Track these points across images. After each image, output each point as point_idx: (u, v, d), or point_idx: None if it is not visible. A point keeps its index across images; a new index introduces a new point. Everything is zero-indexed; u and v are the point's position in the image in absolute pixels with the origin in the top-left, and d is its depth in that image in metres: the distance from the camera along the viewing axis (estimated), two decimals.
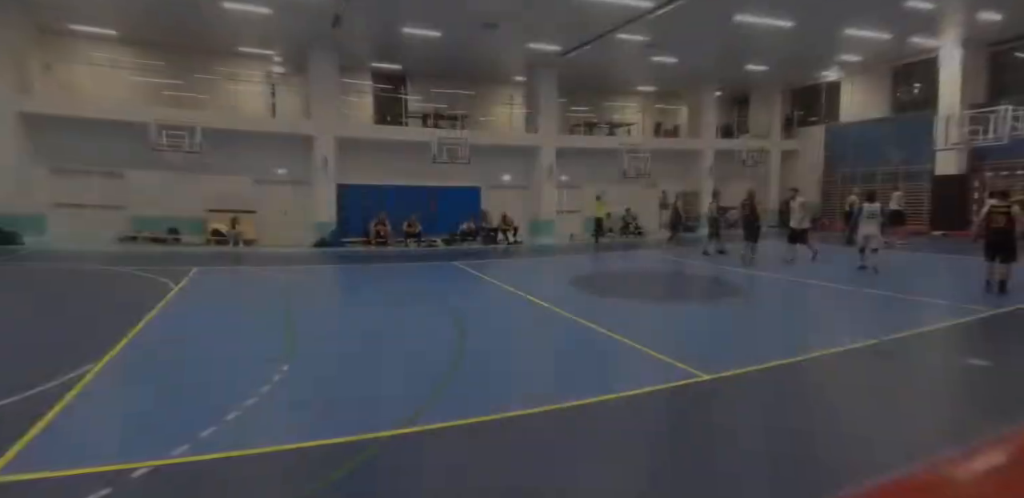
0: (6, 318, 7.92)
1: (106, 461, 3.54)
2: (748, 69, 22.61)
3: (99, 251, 14.42)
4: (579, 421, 4.50)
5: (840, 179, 24.27)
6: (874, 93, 23.43)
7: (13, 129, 14.91)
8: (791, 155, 26.67)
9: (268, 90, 20.66)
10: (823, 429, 4.40)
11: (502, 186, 21.87)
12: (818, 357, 6.13)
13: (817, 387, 5.52)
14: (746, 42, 18.60)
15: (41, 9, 15.60)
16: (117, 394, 4.91)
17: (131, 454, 3.65)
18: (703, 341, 7.16)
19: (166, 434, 3.96)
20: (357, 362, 6.07)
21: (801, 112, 26.75)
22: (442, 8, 14.96)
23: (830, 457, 3.87)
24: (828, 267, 12.37)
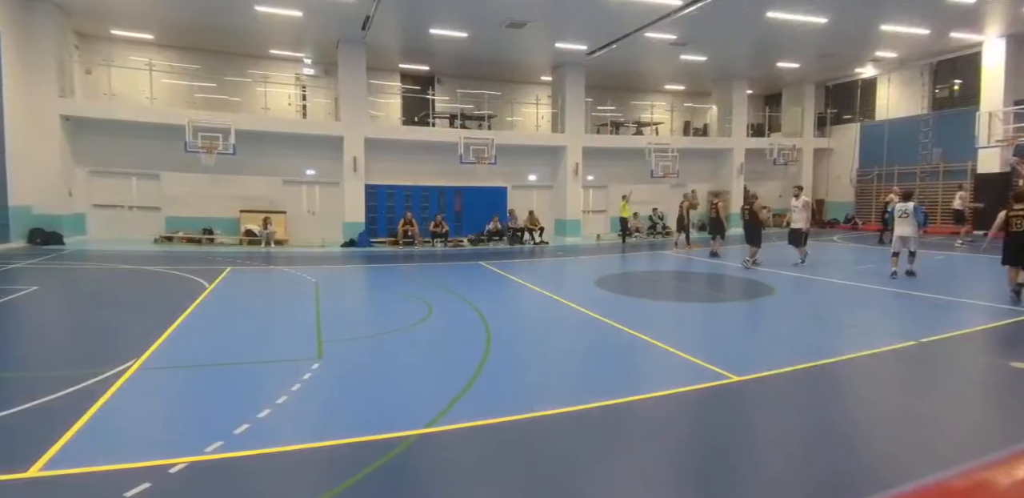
0: (51, 316, 8.21)
1: (145, 457, 3.64)
2: (780, 66, 22.19)
3: (136, 251, 14.84)
4: (607, 421, 4.47)
5: (875, 177, 23.68)
6: (912, 90, 22.78)
7: (56, 132, 15.43)
8: (824, 153, 26.14)
9: (299, 92, 21.01)
10: (860, 433, 4.29)
11: (528, 186, 21.87)
12: (853, 359, 5.99)
13: (853, 389, 5.39)
14: (778, 39, 18.26)
15: (84, 16, 16.13)
16: (154, 391, 5.04)
17: (168, 450, 3.75)
18: (732, 342, 7.05)
19: (201, 431, 4.06)
20: (385, 361, 6.13)
21: (835, 110, 26.16)
22: (469, 9, 15.02)
23: (868, 463, 3.77)
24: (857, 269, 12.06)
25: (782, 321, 8.27)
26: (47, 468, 3.44)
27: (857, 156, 24.75)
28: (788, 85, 25.99)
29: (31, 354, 6.34)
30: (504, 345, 6.68)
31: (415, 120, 21.21)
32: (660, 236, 22.22)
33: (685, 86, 26.10)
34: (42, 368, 5.63)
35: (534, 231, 19.89)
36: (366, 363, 6.00)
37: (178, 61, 19.05)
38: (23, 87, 14.47)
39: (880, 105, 24.11)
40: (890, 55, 21.03)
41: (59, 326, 7.69)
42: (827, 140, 26.01)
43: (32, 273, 10.99)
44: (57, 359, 6.00)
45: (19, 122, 14.29)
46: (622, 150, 22.18)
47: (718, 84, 24.62)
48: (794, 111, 26.07)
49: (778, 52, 20.28)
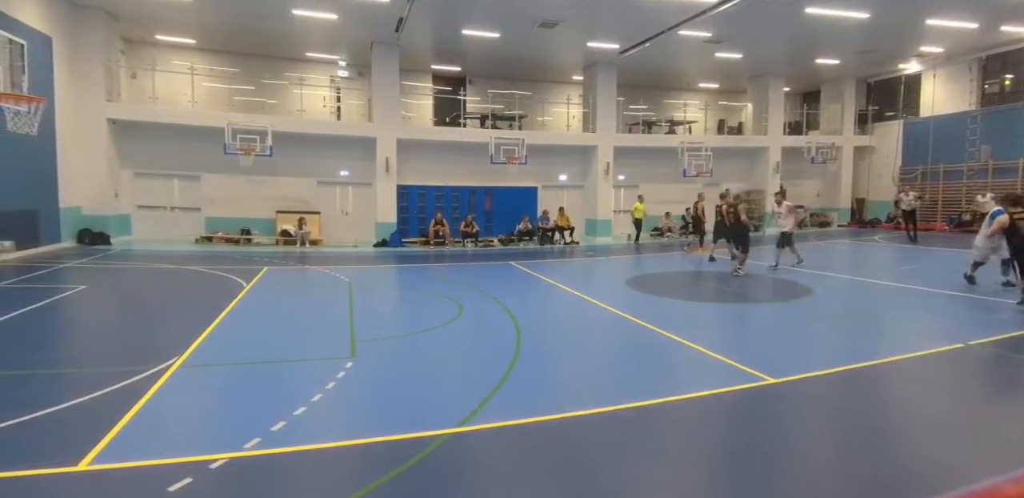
0: (98, 314, 8.54)
1: (186, 452, 3.76)
2: (818, 63, 21.65)
3: (178, 251, 15.30)
4: (639, 422, 4.45)
5: (919, 176, 22.91)
6: (959, 85, 21.95)
7: (103, 136, 16.01)
8: (864, 151, 25.44)
9: (333, 94, 21.37)
10: (905, 437, 4.16)
11: (558, 186, 21.82)
12: (897, 362, 5.81)
13: (897, 393, 5.23)
14: (817, 35, 17.81)
15: (131, 22, 16.71)
16: (195, 388, 5.19)
17: (209, 446, 3.86)
18: (768, 343, 6.91)
19: (239, 427, 4.17)
20: (416, 360, 6.20)
21: (876, 107, 25.39)
22: (502, 9, 15.05)
23: (914, 468, 3.65)
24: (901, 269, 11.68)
25: (821, 322, 8.07)
26: (96, 462, 3.58)
27: (900, 154, 23.99)
28: (827, 82, 25.34)
29: (80, 351, 6.62)
30: (534, 345, 6.69)
31: (446, 121, 21.37)
32: (692, 236, 21.90)
33: (719, 84, 25.67)
34: (91, 365, 5.86)
35: (565, 231, 19.83)
36: (398, 362, 6.08)
37: (218, 65, 19.59)
38: (73, 92, 15.06)
39: (925, 101, 23.31)
40: (936, 50, 20.31)
41: (106, 324, 7.99)
42: (868, 138, 25.29)
43: (81, 272, 11.44)
44: (105, 356, 6.24)
45: (69, 126, 14.87)
46: (654, 149, 21.95)
47: (754, 82, 24.15)
48: (833, 108, 25.41)
49: (817, 48, 19.77)
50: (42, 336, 6.92)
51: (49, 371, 5.50)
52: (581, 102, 22.33)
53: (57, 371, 5.54)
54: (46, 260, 12.50)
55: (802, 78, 24.64)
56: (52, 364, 5.78)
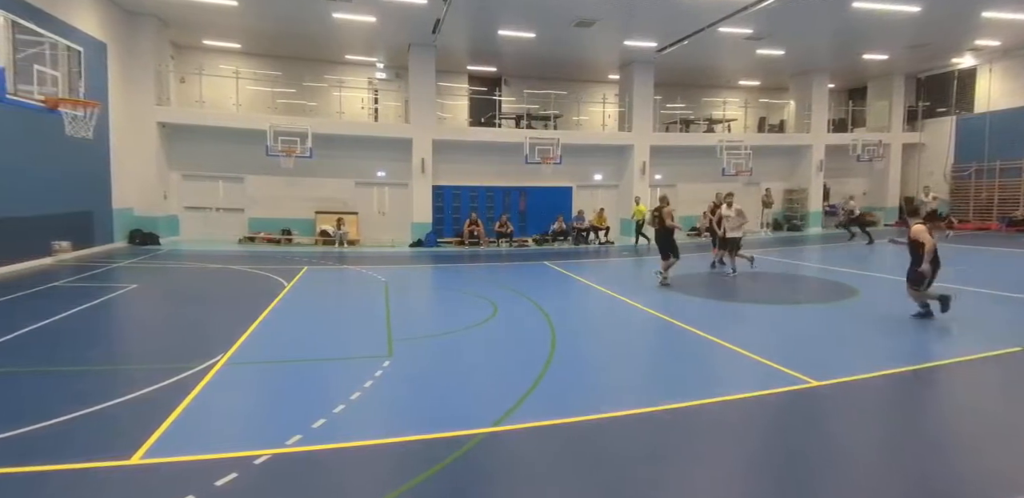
0: (148, 313, 8.88)
1: (232, 448, 3.87)
2: (866, 59, 20.94)
3: (222, 251, 15.79)
4: (676, 424, 4.41)
5: (974, 173, 21.95)
6: (1017, 80, 20.94)
7: (153, 139, 16.63)
8: (914, 149, 24.53)
9: (371, 95, 21.71)
10: (959, 443, 4.00)
11: (593, 185, 21.69)
12: (948, 365, 5.59)
13: (949, 397, 5.04)
14: (864, 30, 17.23)
15: (180, 27, 17.32)
16: (239, 385, 5.34)
17: (252, 442, 3.97)
18: (811, 345, 6.74)
19: (282, 424, 4.27)
20: (452, 359, 6.25)
21: (927, 103, 24.42)
22: (538, 9, 15.03)
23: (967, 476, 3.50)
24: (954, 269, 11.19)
25: (867, 324, 7.81)
26: (147, 456, 3.72)
27: (952, 151, 23.05)
28: (874, 77, 24.50)
29: (132, 348, 6.91)
30: (569, 345, 6.67)
31: (481, 121, 21.46)
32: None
33: (760, 81, 25.10)
34: (142, 361, 6.11)
35: (599, 231, 19.70)
36: (434, 361, 6.14)
37: (261, 68, 20.13)
38: (125, 96, 15.68)
39: (980, 96, 22.30)
40: (992, 43, 19.42)
41: (155, 322, 8.31)
42: (918, 134, 24.37)
43: (131, 272, 11.91)
44: (154, 353, 6.48)
45: (121, 130, 15.50)
46: (692, 148, 21.63)
47: (796, 78, 23.54)
48: (881, 105, 24.56)
49: (864, 43, 19.11)
50: (96, 333, 7.24)
51: (103, 367, 5.75)
52: (617, 101, 22.14)
53: (111, 367, 5.78)
54: (100, 260, 13.06)
55: (848, 74, 23.88)
56: (106, 361, 6.04)
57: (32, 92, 7.63)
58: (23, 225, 11.39)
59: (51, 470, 3.51)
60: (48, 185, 12.24)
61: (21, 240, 11.38)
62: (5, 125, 10.47)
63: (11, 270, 10.91)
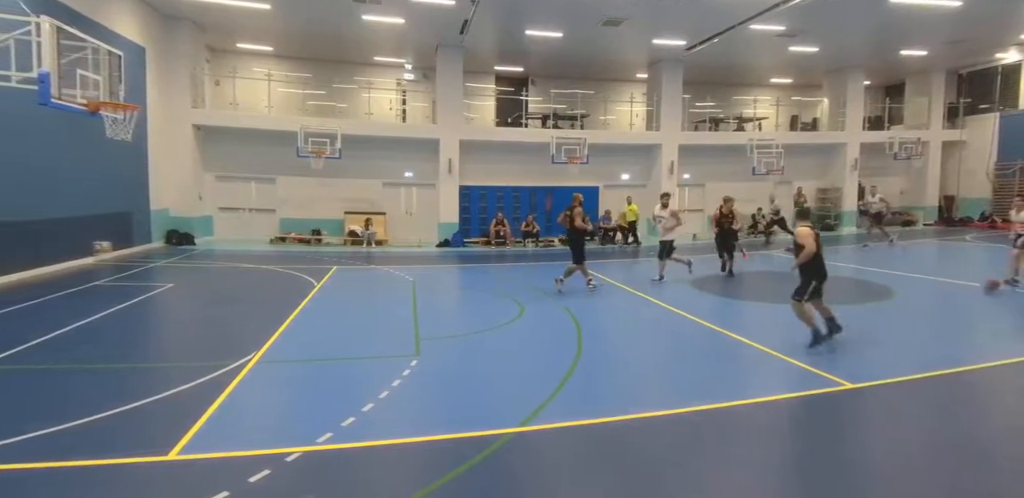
0: (184, 311, 9.11)
1: (264, 445, 3.95)
2: (904, 55, 20.34)
3: (254, 251, 16.10)
4: (706, 426, 4.37)
5: (1018, 171, 21.17)
6: None
7: (189, 141, 17.04)
8: (954, 146, 23.75)
9: (399, 96, 21.91)
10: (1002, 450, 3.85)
11: (621, 185, 21.53)
12: (988, 368, 5.40)
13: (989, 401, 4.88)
14: (903, 26, 16.74)
15: (216, 31, 17.72)
16: (271, 383, 5.45)
17: (284, 439, 4.05)
18: (845, 347, 6.57)
19: (312, 422, 4.34)
20: (478, 359, 6.27)
21: (968, 99, 23.62)
22: (566, 8, 14.97)
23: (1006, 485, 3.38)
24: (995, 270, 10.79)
25: (903, 326, 7.62)
26: (184, 452, 3.82)
27: (995, 148, 22.25)
28: (912, 74, 23.78)
29: (169, 346, 7.11)
30: (596, 345, 6.64)
31: (508, 121, 21.48)
32: (762, 235, 21.22)
33: (793, 79, 24.58)
34: (178, 359, 6.27)
35: (627, 231, 19.55)
36: (461, 361, 6.17)
37: (293, 70, 20.46)
38: (162, 99, 16.09)
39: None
40: None
41: (190, 320, 8.52)
42: (958, 132, 23.59)
43: (168, 271, 12.23)
44: (190, 351, 6.66)
45: (158, 132, 15.91)
46: (722, 147, 21.31)
47: (831, 76, 22.99)
48: (919, 102, 23.84)
49: (902, 39, 18.56)
50: (135, 331, 7.46)
51: (142, 365, 5.93)
52: (645, 100, 21.94)
53: (148, 365, 5.96)
54: (138, 259, 13.44)
55: (884, 71, 23.23)
56: (144, 358, 6.23)
57: (75, 96, 7.86)
58: (66, 226, 11.78)
59: (94, 465, 3.63)
60: (90, 187, 12.63)
61: (65, 240, 11.77)
62: (49, 128, 10.84)
63: (55, 269, 11.29)
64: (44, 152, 11.01)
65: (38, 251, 10.97)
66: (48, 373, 5.49)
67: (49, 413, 4.36)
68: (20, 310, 7.98)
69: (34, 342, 6.35)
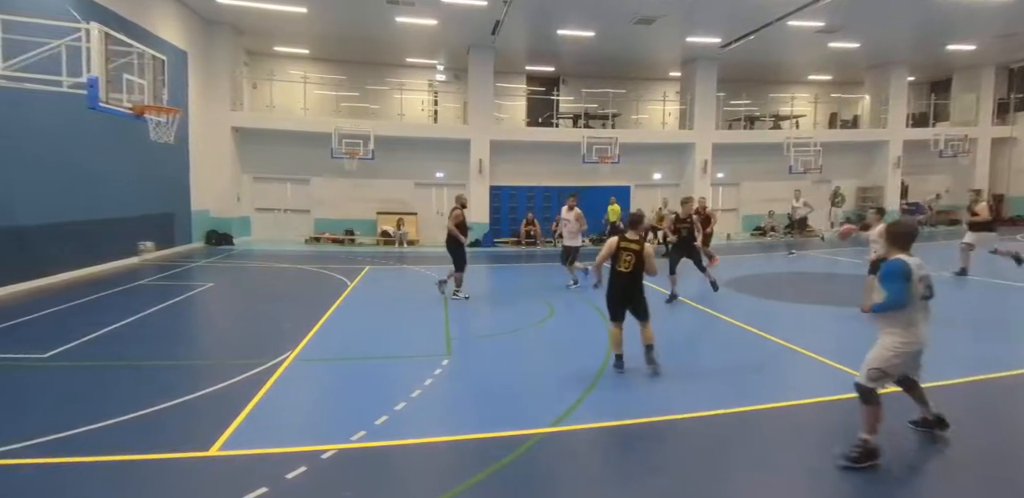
0: (224, 310, 9.37)
1: (300, 442, 4.04)
2: (951, 50, 19.62)
3: (290, 251, 16.43)
4: (739, 428, 4.33)
5: None
6: None
7: (228, 143, 17.49)
8: (1005, 143, 22.81)
9: (431, 97, 22.09)
10: None
11: (652, 184, 21.32)
12: None
13: None
14: (950, 20, 16.15)
15: (254, 35, 18.14)
16: (307, 381, 5.56)
17: (319, 437, 4.13)
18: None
19: (347, 420, 4.43)
20: (509, 359, 6.28)
21: (1020, 94, 22.66)
22: (598, 7, 14.87)
23: None
24: None
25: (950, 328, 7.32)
26: (224, 448, 3.93)
27: None
28: (960, 69, 22.92)
29: (209, 344, 7.32)
30: (628, 347, 6.56)
31: (539, 121, 21.45)
32: (799, 235, 20.81)
33: (832, 76, 23.93)
34: (218, 357, 6.44)
35: (659, 231, 19.31)
36: (492, 360, 6.19)
37: (328, 73, 20.81)
38: (202, 102, 16.54)
39: None
40: None
41: (229, 319, 8.75)
42: (1009, 128, 22.65)
43: (209, 271, 12.57)
44: (229, 349, 6.84)
45: (199, 135, 16.37)
46: (757, 145, 20.90)
47: (872, 72, 22.33)
48: (967, 98, 22.96)
49: (949, 34, 17.89)
50: (177, 330, 7.69)
51: (183, 362, 6.11)
52: (678, 99, 21.65)
53: (190, 362, 6.13)
54: (180, 259, 13.86)
55: (930, 66, 22.44)
56: (185, 356, 6.41)
57: (121, 100, 8.13)
58: (114, 226, 12.21)
59: (141, 459, 3.77)
60: (135, 188, 13.07)
61: (112, 241, 12.21)
62: (97, 132, 11.25)
63: (103, 269, 11.72)
64: (93, 155, 11.44)
65: (88, 251, 11.39)
66: (97, 369, 5.70)
67: (99, 408, 4.52)
68: (72, 308, 8.31)
69: (84, 339, 6.61)
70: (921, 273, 3.73)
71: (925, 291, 3.75)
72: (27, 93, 8.29)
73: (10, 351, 6.08)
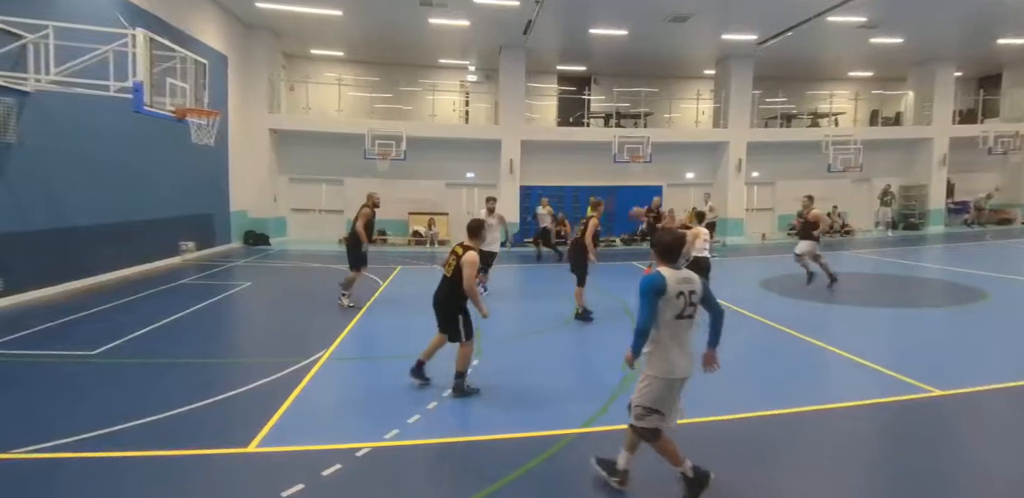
0: (260, 309, 9.58)
1: (335, 440, 4.12)
2: (1000, 44, 18.84)
3: (324, 251, 16.70)
4: (775, 431, 4.27)
5: None
6: None
7: (265, 145, 17.89)
8: None
9: (462, 98, 22.20)
10: None
11: (685, 184, 21.03)
12: None
13: None
14: (1000, 13, 15.48)
15: (291, 38, 18.52)
16: (340, 380, 5.66)
17: (353, 435, 4.21)
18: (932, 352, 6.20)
19: (379, 418, 4.49)
20: (538, 359, 6.27)
21: None
22: (631, 5, 14.73)
23: None
24: None
25: (998, 330, 7.06)
26: (262, 445, 4.03)
27: None
28: (1011, 63, 21.99)
29: (247, 343, 7.52)
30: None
31: (570, 121, 21.36)
32: (838, 235, 20.30)
33: (873, 72, 23.22)
34: (255, 355, 6.61)
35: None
36: (522, 361, 6.21)
37: (361, 74, 21.12)
38: (241, 105, 16.95)
39: None
40: None
41: (266, 318, 8.95)
42: None
43: (246, 270, 12.88)
44: (266, 347, 7.00)
45: (238, 137, 16.79)
46: (794, 144, 20.43)
47: (916, 68, 21.59)
48: (1018, 93, 22.02)
49: (999, 27, 17.17)
50: (217, 328, 7.91)
51: (222, 360, 6.28)
52: (712, 97, 21.30)
53: (229, 360, 6.30)
54: (219, 259, 14.24)
55: (979, 60, 21.57)
56: (224, 354, 6.60)
57: (165, 103, 8.41)
58: (158, 227, 12.62)
59: (182, 455, 3.88)
60: (177, 190, 13.47)
61: (157, 241, 12.63)
62: (142, 135, 11.61)
63: (149, 268, 12.12)
64: (139, 157, 11.82)
65: (135, 251, 11.80)
66: (141, 366, 5.91)
67: (142, 405, 4.68)
68: (119, 306, 8.63)
69: (130, 336, 6.86)
70: (684, 288, 3.31)
71: (688, 309, 3.33)
72: (79, 97, 8.63)
73: (62, 347, 6.34)
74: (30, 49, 8.26)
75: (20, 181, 8.66)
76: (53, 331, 7.08)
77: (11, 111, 8.23)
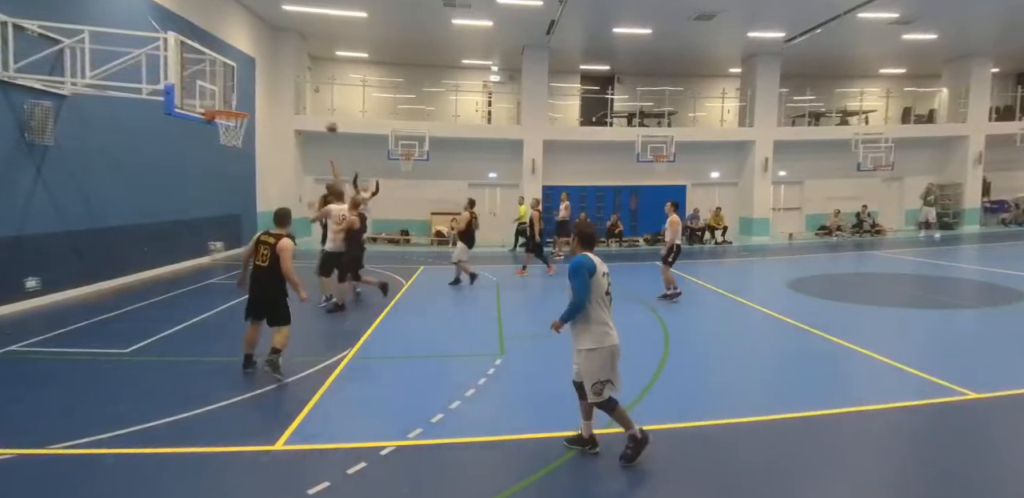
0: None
1: (360, 438, 4.16)
2: None
3: None
4: (805, 434, 4.20)
5: None
6: None
7: (291, 146, 18.15)
8: None
9: (485, 98, 22.24)
10: None
11: (709, 183, 20.80)
12: None
13: None
14: None
15: (317, 40, 18.76)
16: (364, 379, 5.70)
17: (378, 433, 4.23)
18: (967, 354, 6.05)
19: (403, 417, 4.51)
20: (562, 359, 6.19)
21: None
22: (656, 4, 14.60)
23: None
24: None
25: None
26: (289, 443, 4.09)
27: None
28: None
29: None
30: (684, 348, 6.45)
31: (592, 120, 21.26)
32: (868, 235, 19.89)
33: (906, 69, 22.66)
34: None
35: (716, 230, 18.89)
36: (545, 360, 6.19)
37: (385, 76, 21.30)
38: (268, 107, 17.21)
39: None
40: None
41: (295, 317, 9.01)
42: None
43: None
44: (291, 346, 6.96)
45: (265, 138, 17.06)
46: (822, 142, 20.06)
47: (951, 64, 21.04)
48: None
49: None
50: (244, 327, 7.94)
51: None
52: (737, 96, 21.01)
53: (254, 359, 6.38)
54: None
55: (1016, 56, 20.90)
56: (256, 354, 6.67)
57: (195, 105, 8.56)
58: (189, 227, 12.88)
59: (211, 452, 3.95)
60: (207, 190, 13.73)
61: (188, 241, 12.89)
62: (172, 137, 11.85)
63: (180, 267, 12.37)
64: (170, 158, 12.07)
65: (167, 251, 12.05)
66: (172, 364, 6.04)
67: (173, 402, 4.77)
68: (151, 304, 8.83)
69: (161, 335, 7.02)
70: (606, 269, 3.97)
71: (609, 288, 3.97)
72: (112, 99, 8.86)
73: (96, 345, 6.51)
74: (67, 53, 8.49)
75: (57, 183, 8.90)
76: (88, 329, 7.27)
77: (49, 114, 8.46)
